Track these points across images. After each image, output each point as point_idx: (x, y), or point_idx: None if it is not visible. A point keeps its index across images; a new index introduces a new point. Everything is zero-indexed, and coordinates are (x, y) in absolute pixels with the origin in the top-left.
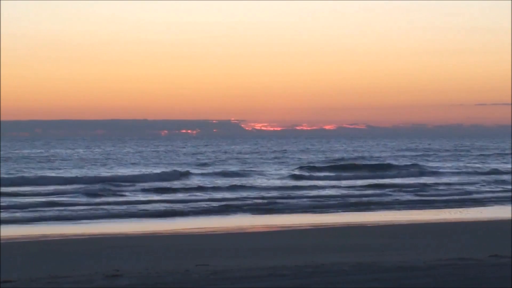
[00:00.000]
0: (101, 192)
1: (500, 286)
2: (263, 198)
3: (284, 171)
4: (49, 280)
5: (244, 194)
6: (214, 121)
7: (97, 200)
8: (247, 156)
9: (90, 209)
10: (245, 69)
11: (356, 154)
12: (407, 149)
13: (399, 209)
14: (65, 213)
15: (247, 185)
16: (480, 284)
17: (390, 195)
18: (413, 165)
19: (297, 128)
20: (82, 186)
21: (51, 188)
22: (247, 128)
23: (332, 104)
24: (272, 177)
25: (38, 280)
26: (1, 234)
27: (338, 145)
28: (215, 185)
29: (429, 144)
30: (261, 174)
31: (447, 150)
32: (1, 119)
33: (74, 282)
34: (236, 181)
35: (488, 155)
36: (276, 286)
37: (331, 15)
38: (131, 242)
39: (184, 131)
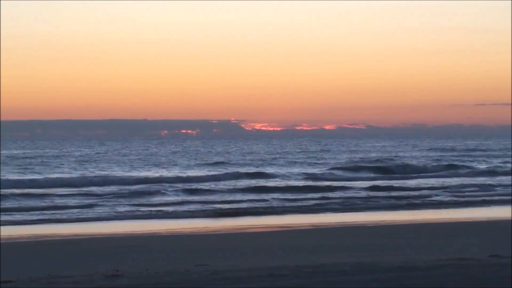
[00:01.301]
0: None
1: (500, 286)
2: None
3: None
4: (49, 280)
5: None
6: (214, 121)
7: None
8: (274, 156)
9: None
10: (245, 69)
11: (385, 155)
12: (429, 149)
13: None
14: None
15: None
16: (480, 284)
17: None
18: (453, 165)
19: (297, 128)
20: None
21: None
22: (247, 128)
23: (332, 104)
24: (329, 177)
25: (38, 280)
26: (1, 234)
27: (352, 146)
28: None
29: (440, 144)
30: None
31: (471, 150)
32: (1, 119)
33: (74, 282)
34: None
35: None
36: (276, 286)
37: (331, 15)
38: (131, 242)
39: (184, 131)
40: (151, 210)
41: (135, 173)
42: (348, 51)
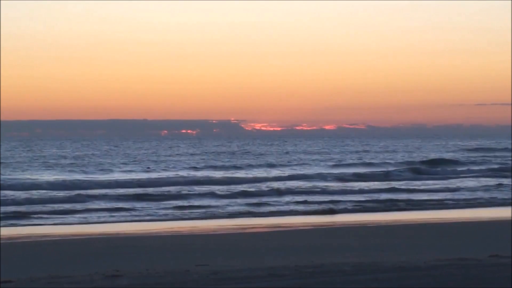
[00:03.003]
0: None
1: (500, 286)
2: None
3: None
4: (49, 280)
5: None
6: (214, 121)
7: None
8: (317, 157)
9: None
10: (245, 69)
11: (427, 154)
12: (464, 150)
13: None
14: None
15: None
16: (480, 284)
17: None
18: None
19: (297, 128)
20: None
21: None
22: (247, 128)
23: (332, 104)
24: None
25: (38, 280)
26: (1, 234)
27: (377, 146)
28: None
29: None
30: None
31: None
32: (1, 119)
33: (74, 282)
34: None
35: None
36: (276, 286)
37: (331, 15)
38: (131, 242)
39: (184, 131)
40: (272, 210)
41: (210, 174)
42: (348, 51)
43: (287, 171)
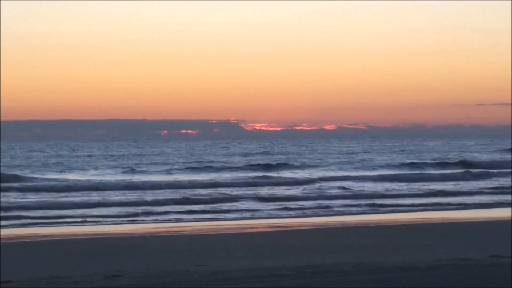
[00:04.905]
0: None
1: (500, 286)
2: None
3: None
4: (49, 280)
5: None
6: (214, 121)
7: None
8: (368, 157)
9: None
10: (245, 69)
11: (458, 155)
12: (497, 151)
13: None
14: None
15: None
16: (480, 284)
17: None
18: None
19: (297, 128)
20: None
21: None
22: (247, 128)
23: (332, 104)
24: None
25: (38, 280)
26: (1, 234)
27: (399, 146)
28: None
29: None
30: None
31: None
32: (1, 119)
33: (74, 282)
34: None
35: None
36: (276, 286)
37: (331, 15)
38: (131, 242)
39: (184, 131)
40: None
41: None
42: (349, 51)
43: (352, 172)
